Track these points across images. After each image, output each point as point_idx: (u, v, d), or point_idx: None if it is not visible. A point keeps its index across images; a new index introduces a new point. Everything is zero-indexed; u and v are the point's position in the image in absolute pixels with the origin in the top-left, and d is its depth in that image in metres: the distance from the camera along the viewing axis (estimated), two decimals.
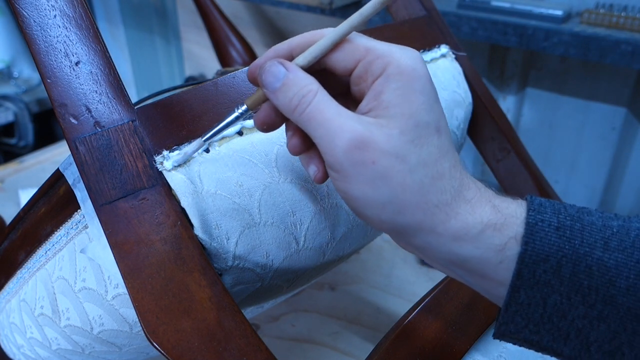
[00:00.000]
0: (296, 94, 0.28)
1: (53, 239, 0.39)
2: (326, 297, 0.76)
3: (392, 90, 0.27)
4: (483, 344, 0.42)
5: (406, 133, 0.27)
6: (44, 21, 0.32)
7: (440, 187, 0.27)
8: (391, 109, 0.27)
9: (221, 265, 0.34)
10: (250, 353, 0.30)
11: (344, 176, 0.28)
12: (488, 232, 0.27)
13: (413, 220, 0.27)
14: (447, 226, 0.27)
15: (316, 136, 0.28)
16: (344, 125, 0.27)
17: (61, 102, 0.31)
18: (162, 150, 0.33)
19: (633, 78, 0.80)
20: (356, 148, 0.27)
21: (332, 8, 0.90)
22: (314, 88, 0.28)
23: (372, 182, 0.27)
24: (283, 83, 0.28)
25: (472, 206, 0.28)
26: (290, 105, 0.28)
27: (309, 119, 0.28)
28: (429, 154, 0.27)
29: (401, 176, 0.27)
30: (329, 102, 0.28)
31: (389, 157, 0.27)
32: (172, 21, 1.43)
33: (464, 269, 0.28)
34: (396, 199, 0.27)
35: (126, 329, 0.37)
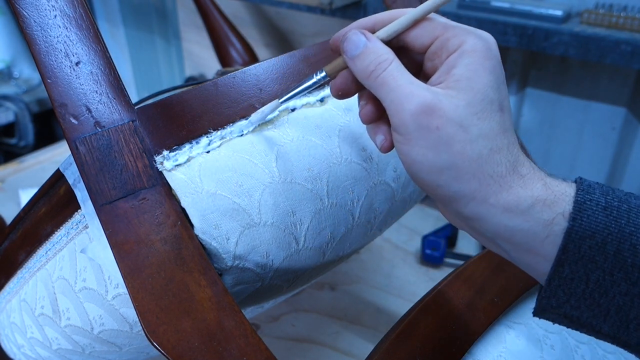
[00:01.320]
0: (373, 61, 0.30)
1: (53, 239, 0.40)
2: (326, 297, 0.76)
3: (464, 65, 0.29)
4: (483, 344, 0.42)
5: (472, 105, 0.29)
6: (44, 21, 0.32)
7: (497, 160, 0.29)
8: (461, 82, 0.29)
9: (221, 265, 0.34)
10: (250, 353, 0.30)
11: (408, 139, 0.29)
12: (538, 207, 0.28)
13: (468, 188, 0.29)
14: (499, 197, 0.29)
15: (387, 100, 0.30)
16: (415, 91, 0.29)
17: (61, 102, 0.31)
18: (162, 150, 0.33)
19: (633, 78, 0.80)
20: (423, 113, 0.28)
21: (332, 8, 0.90)
22: (390, 57, 0.30)
23: (434, 147, 0.29)
24: (362, 51, 0.30)
25: (525, 181, 0.29)
26: (367, 71, 0.30)
27: (382, 83, 0.30)
28: (491, 128, 0.29)
29: (462, 144, 0.29)
30: (402, 71, 0.30)
31: (453, 125, 0.28)
32: (172, 21, 1.43)
33: (511, 242, 0.29)
34: (454, 165, 0.29)
35: (126, 329, 0.37)
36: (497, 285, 0.43)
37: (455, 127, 0.28)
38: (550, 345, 0.45)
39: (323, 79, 0.33)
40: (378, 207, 0.43)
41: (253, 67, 0.38)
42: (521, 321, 0.45)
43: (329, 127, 0.40)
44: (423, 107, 0.28)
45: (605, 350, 0.49)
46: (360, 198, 0.41)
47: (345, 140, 0.40)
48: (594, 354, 0.48)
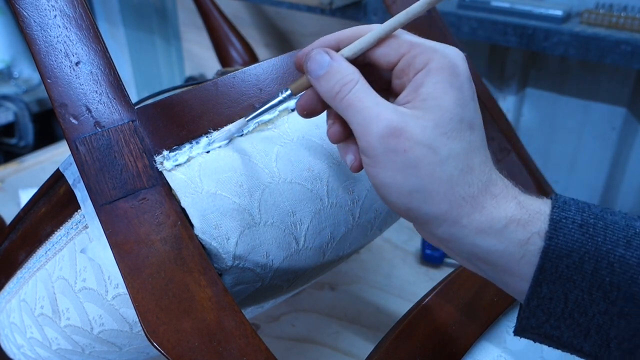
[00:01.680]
0: (338, 81, 0.29)
1: (53, 239, 0.39)
2: (326, 297, 0.76)
3: (431, 84, 0.28)
4: (483, 344, 0.42)
5: (440, 126, 0.28)
6: (44, 21, 0.32)
7: (469, 180, 0.28)
8: (429, 102, 0.28)
9: (221, 265, 0.34)
10: (250, 353, 0.30)
11: (376, 162, 0.29)
12: (512, 227, 0.28)
13: (439, 210, 0.28)
14: (471, 218, 0.28)
15: (353, 122, 0.29)
16: (381, 113, 0.28)
17: (61, 102, 0.31)
18: (162, 150, 0.33)
19: (633, 78, 0.80)
20: (390, 135, 0.28)
21: (332, 8, 0.90)
22: (356, 77, 0.29)
23: (403, 170, 0.28)
24: (327, 71, 0.30)
25: (497, 201, 0.28)
26: (332, 92, 0.29)
27: (348, 105, 0.29)
28: (461, 148, 0.28)
29: (431, 166, 0.28)
30: (368, 92, 0.29)
31: (421, 147, 0.28)
32: (172, 21, 1.43)
33: (486, 262, 0.29)
34: (424, 188, 0.28)
35: (126, 329, 0.37)
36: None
37: (423, 149, 0.28)
38: None
39: (288, 98, 0.32)
40: (378, 207, 0.43)
41: (253, 67, 0.38)
42: None
43: None
44: (390, 129, 0.28)
45: None
46: (360, 198, 0.41)
47: None
48: None
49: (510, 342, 0.43)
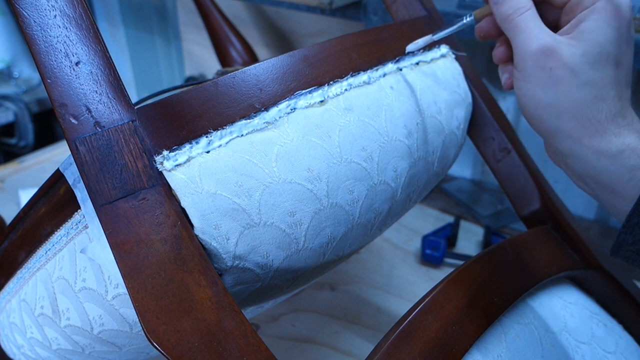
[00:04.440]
0: (512, 6, 0.35)
1: (53, 239, 0.40)
2: (326, 297, 0.76)
3: (591, 20, 0.33)
4: (483, 344, 0.42)
5: (588, 55, 0.32)
6: (44, 21, 0.32)
7: (599, 107, 0.32)
8: (584, 34, 0.33)
9: (221, 265, 0.34)
10: (250, 353, 0.30)
11: (525, 75, 0.34)
12: (626, 153, 0.32)
13: (566, 127, 0.33)
14: (592, 139, 0.33)
15: (515, 39, 0.35)
16: (540, 35, 0.33)
17: (61, 102, 0.31)
18: (162, 150, 0.33)
19: (633, 78, 0.80)
20: (542, 53, 0.33)
21: (332, 8, 0.90)
22: (528, 5, 0.35)
23: (544, 85, 0.33)
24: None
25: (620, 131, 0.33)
26: (505, 14, 0.35)
27: (515, 25, 0.35)
28: (601, 78, 0.32)
29: (569, 87, 0.33)
30: (534, 18, 0.34)
31: (565, 69, 0.33)
32: (172, 21, 1.43)
33: (597, 182, 0.33)
34: (558, 103, 0.33)
35: (126, 329, 0.37)
36: (497, 285, 0.43)
37: (567, 70, 0.32)
38: (551, 345, 0.45)
39: (471, 21, 0.39)
40: (378, 207, 0.43)
41: (253, 67, 0.38)
42: (521, 321, 0.45)
43: (329, 127, 0.40)
44: (542, 48, 0.33)
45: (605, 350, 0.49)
46: (360, 198, 0.41)
47: (345, 140, 0.40)
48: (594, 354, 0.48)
49: (510, 342, 0.43)
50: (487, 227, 0.88)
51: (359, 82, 0.43)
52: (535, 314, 0.47)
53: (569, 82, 0.32)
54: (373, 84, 0.44)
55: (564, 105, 0.33)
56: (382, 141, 0.42)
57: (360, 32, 0.46)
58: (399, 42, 0.49)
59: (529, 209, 0.53)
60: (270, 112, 0.38)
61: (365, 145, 0.41)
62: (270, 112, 0.38)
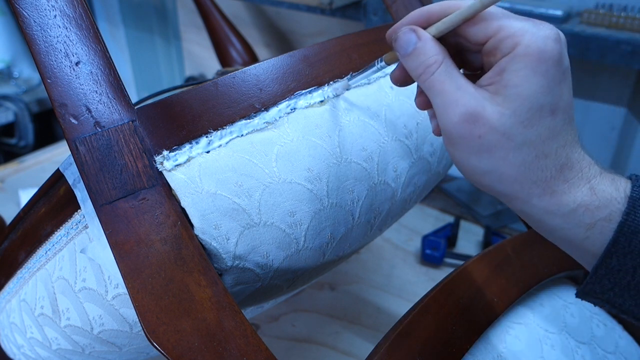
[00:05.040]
0: (422, 62, 0.30)
1: (53, 239, 0.40)
2: (326, 297, 0.76)
3: (514, 71, 0.29)
4: (483, 344, 0.42)
5: (518, 114, 0.29)
6: (44, 21, 0.32)
7: (542, 165, 0.29)
8: (509, 89, 0.29)
9: (221, 265, 0.34)
10: (250, 353, 0.30)
11: (452, 143, 0.31)
12: (579, 211, 0.29)
13: (511, 190, 0.30)
14: (541, 199, 0.30)
15: (434, 103, 0.31)
16: (460, 99, 0.29)
17: (61, 102, 0.31)
18: (162, 150, 0.33)
19: (633, 78, 0.80)
20: (466, 121, 0.29)
21: (332, 8, 0.90)
22: (439, 59, 0.30)
23: (477, 153, 0.30)
24: (412, 51, 0.31)
25: (569, 186, 0.30)
26: (417, 71, 0.31)
27: (430, 86, 0.30)
28: (538, 135, 0.29)
29: (504, 152, 0.29)
30: (450, 74, 0.30)
31: (496, 134, 0.29)
32: (172, 21, 1.43)
33: (555, 238, 0.32)
34: (497, 170, 0.30)
35: (126, 329, 0.37)
36: (497, 285, 0.43)
37: (498, 135, 0.29)
38: (551, 345, 0.45)
39: (383, 67, 0.35)
40: (378, 207, 0.43)
41: (253, 67, 0.38)
42: (521, 321, 0.45)
43: (329, 127, 0.40)
44: (466, 115, 0.29)
45: (605, 350, 0.49)
46: (360, 198, 0.41)
47: (345, 140, 0.40)
48: (594, 354, 0.48)
49: (510, 342, 0.43)
50: (487, 227, 0.88)
51: (359, 82, 0.43)
52: (535, 314, 0.47)
53: (503, 147, 0.29)
54: (373, 84, 0.44)
55: (503, 170, 0.30)
56: (382, 141, 0.42)
57: (360, 32, 0.46)
58: None
59: None
60: (270, 112, 0.38)
61: (365, 145, 0.41)
62: (270, 112, 0.38)
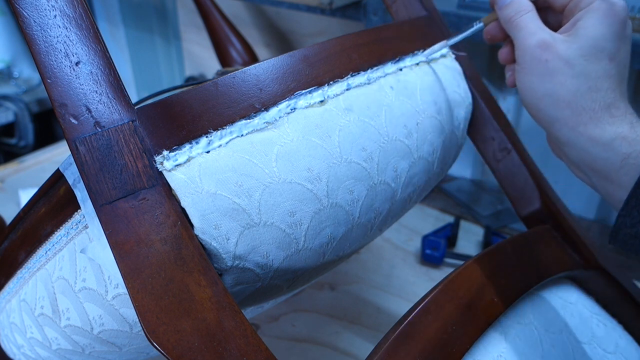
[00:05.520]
0: (514, 9, 0.39)
1: (53, 239, 0.40)
2: (326, 297, 0.76)
3: (587, 19, 0.36)
4: (483, 344, 0.42)
5: (582, 49, 0.35)
6: (44, 21, 0.32)
7: (593, 97, 0.35)
8: (580, 30, 0.36)
9: (221, 265, 0.34)
10: (250, 353, 0.30)
11: (524, 67, 0.37)
12: (618, 141, 0.34)
13: (562, 115, 0.36)
14: (587, 127, 0.35)
15: (516, 36, 0.38)
16: (538, 31, 0.37)
17: (61, 102, 0.31)
18: (162, 150, 0.33)
19: (633, 78, 0.80)
20: (539, 47, 0.36)
21: (332, 8, 0.90)
22: (528, 8, 0.38)
23: (541, 76, 0.36)
24: (509, 3, 0.39)
25: (614, 120, 0.34)
26: (508, 16, 0.39)
27: (516, 25, 0.38)
28: (595, 70, 0.35)
29: (564, 77, 0.35)
30: (534, 18, 0.38)
31: (560, 61, 0.35)
32: (172, 21, 1.43)
33: (592, 168, 0.35)
34: (554, 93, 0.36)
35: (126, 329, 0.37)
36: (497, 285, 0.43)
37: (561, 62, 0.35)
38: (551, 345, 0.45)
39: (481, 27, 0.44)
40: (378, 207, 0.43)
41: (253, 67, 0.38)
42: (521, 321, 0.45)
43: (329, 127, 0.40)
44: (540, 42, 0.36)
45: (605, 350, 0.49)
46: (360, 198, 0.41)
47: (345, 140, 0.40)
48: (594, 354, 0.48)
49: (510, 342, 0.43)
50: (487, 227, 0.88)
51: (359, 82, 0.43)
52: (535, 314, 0.47)
53: (564, 73, 0.35)
54: (373, 84, 0.44)
55: (559, 94, 0.35)
56: (382, 141, 0.42)
57: (360, 32, 0.46)
58: (399, 42, 0.49)
59: (529, 209, 0.53)
60: (270, 112, 0.38)
61: (365, 145, 0.41)
62: (270, 112, 0.38)
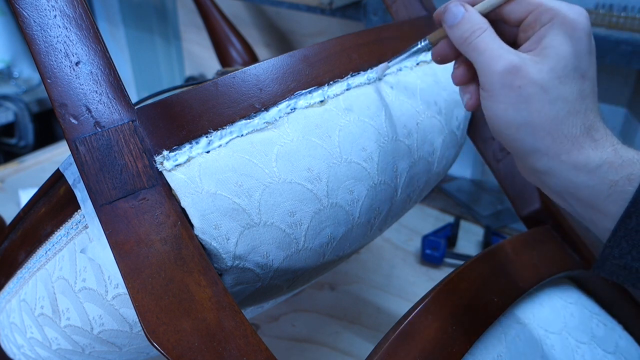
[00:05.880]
0: (468, 29, 0.34)
1: (53, 239, 0.40)
2: (326, 297, 0.76)
3: (553, 36, 0.33)
4: (483, 344, 0.42)
5: (555, 71, 0.32)
6: (44, 21, 0.32)
7: (573, 122, 0.32)
8: (548, 50, 0.33)
9: (221, 265, 0.34)
10: (250, 353, 0.30)
11: (493, 96, 0.34)
12: (604, 168, 0.31)
13: (542, 144, 0.33)
14: (570, 155, 0.32)
15: (478, 61, 0.34)
16: (503, 54, 0.33)
17: (61, 102, 0.31)
18: (162, 150, 0.33)
19: (633, 78, 0.80)
20: (508, 73, 0.33)
21: (332, 8, 0.90)
22: (484, 26, 0.34)
23: (515, 104, 0.33)
24: (460, 20, 0.35)
25: (596, 145, 0.32)
26: (462, 37, 0.35)
27: (474, 48, 0.34)
28: (570, 92, 0.32)
29: (541, 104, 0.32)
30: (493, 38, 0.34)
31: (534, 86, 0.32)
32: (172, 21, 1.43)
33: (576, 197, 0.33)
34: (532, 122, 0.33)
35: (126, 329, 0.37)
36: (497, 285, 0.43)
37: (536, 87, 0.32)
38: (551, 345, 0.45)
39: (426, 46, 0.39)
40: (378, 207, 0.43)
41: (253, 67, 0.38)
42: (521, 321, 0.45)
43: (329, 127, 0.40)
44: (509, 67, 0.32)
45: (605, 350, 0.49)
46: (360, 198, 0.41)
47: (345, 140, 0.40)
48: (594, 354, 0.48)
49: (510, 342, 0.43)
50: (487, 227, 0.88)
51: (359, 82, 0.43)
52: (535, 314, 0.47)
53: (540, 99, 0.32)
54: (373, 84, 0.44)
55: (537, 122, 0.32)
56: (382, 141, 0.42)
57: (360, 32, 0.46)
58: (399, 42, 0.49)
59: (529, 209, 0.53)
60: (270, 112, 0.38)
61: (365, 145, 0.41)
62: (270, 112, 0.38)
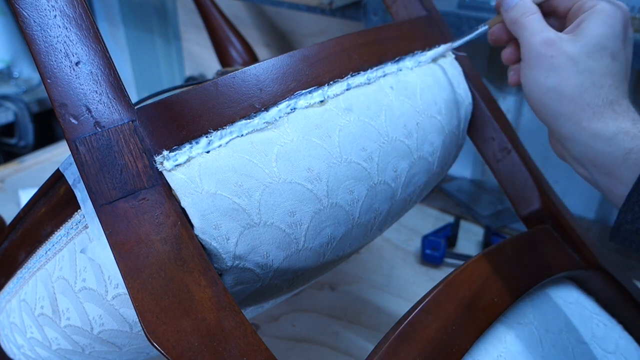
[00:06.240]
0: (520, 10, 0.41)
1: (53, 239, 0.40)
2: (326, 297, 0.76)
3: (590, 20, 0.38)
4: (483, 344, 0.42)
5: (586, 46, 0.37)
6: (44, 21, 0.32)
7: (596, 93, 0.36)
8: (584, 30, 0.37)
9: (221, 265, 0.34)
10: (250, 353, 0.30)
11: (529, 63, 0.39)
12: (620, 136, 0.35)
13: (566, 110, 0.37)
14: (590, 122, 0.36)
15: (522, 36, 0.40)
16: (543, 30, 0.39)
17: (61, 102, 0.31)
18: (162, 150, 0.33)
19: (633, 78, 0.80)
20: (544, 44, 0.38)
21: (332, 8, 0.90)
22: (534, 10, 0.40)
23: (546, 71, 0.38)
24: (514, 5, 0.41)
25: (616, 116, 0.36)
26: (515, 16, 0.41)
27: (521, 26, 0.40)
28: (598, 67, 0.37)
29: (568, 73, 0.37)
30: (540, 20, 0.40)
31: (565, 57, 0.37)
32: (172, 21, 1.43)
33: (595, 164, 0.36)
34: (559, 87, 0.37)
35: (126, 329, 0.37)
36: (497, 285, 0.43)
37: (566, 59, 0.37)
38: (551, 345, 0.45)
39: (485, 30, 0.46)
40: (378, 207, 0.43)
41: (253, 67, 0.38)
42: (521, 321, 0.45)
43: (329, 127, 0.40)
44: (545, 40, 0.38)
45: (605, 350, 0.49)
46: (360, 198, 0.41)
47: (345, 140, 0.40)
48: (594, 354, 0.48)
49: (510, 342, 0.43)
50: (487, 227, 0.88)
51: (359, 82, 0.43)
52: (535, 314, 0.47)
53: (569, 69, 0.36)
54: (373, 84, 0.44)
55: (564, 89, 0.37)
56: (382, 141, 0.42)
57: (360, 32, 0.46)
58: (399, 42, 0.49)
59: (529, 209, 0.53)
60: (270, 112, 0.38)
61: (365, 145, 0.41)
62: (270, 112, 0.38)
